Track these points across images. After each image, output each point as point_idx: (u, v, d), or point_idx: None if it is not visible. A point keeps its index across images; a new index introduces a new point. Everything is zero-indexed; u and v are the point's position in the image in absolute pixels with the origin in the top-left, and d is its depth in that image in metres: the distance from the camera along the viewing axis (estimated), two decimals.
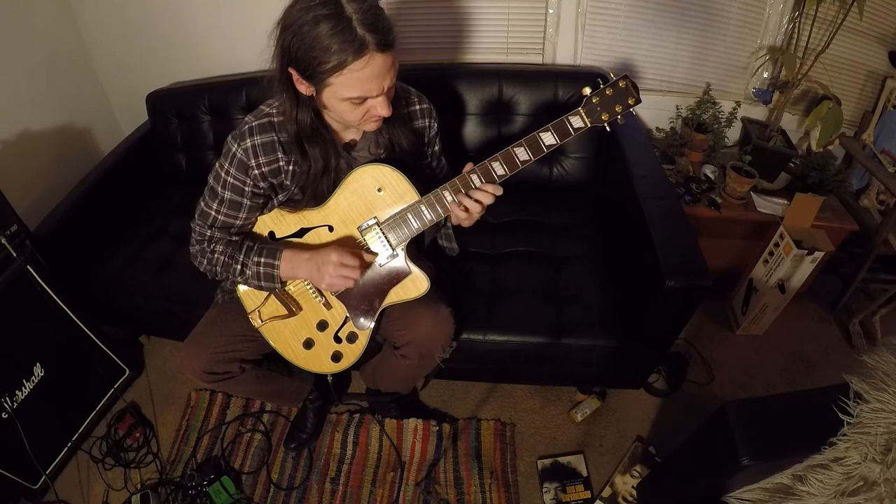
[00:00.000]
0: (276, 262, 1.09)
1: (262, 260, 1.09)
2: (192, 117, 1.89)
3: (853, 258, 1.89)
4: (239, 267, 1.11)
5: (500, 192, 1.03)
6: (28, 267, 1.38)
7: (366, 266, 1.10)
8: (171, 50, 1.98)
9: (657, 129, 1.99)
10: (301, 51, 0.86)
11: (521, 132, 1.71)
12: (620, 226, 1.60)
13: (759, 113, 1.94)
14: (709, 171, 1.85)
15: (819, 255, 1.63)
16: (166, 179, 1.97)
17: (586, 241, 1.64)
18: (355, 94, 0.90)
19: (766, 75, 1.89)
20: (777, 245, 1.72)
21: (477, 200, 1.02)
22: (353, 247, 1.10)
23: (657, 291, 1.23)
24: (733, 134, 1.97)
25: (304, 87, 0.93)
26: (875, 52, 1.84)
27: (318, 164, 1.04)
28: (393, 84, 0.94)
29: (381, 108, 0.95)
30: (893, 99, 1.82)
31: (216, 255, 1.12)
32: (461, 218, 1.05)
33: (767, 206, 1.77)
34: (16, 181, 1.60)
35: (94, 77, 2.07)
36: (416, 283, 1.11)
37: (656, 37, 1.85)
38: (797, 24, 1.70)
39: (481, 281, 1.53)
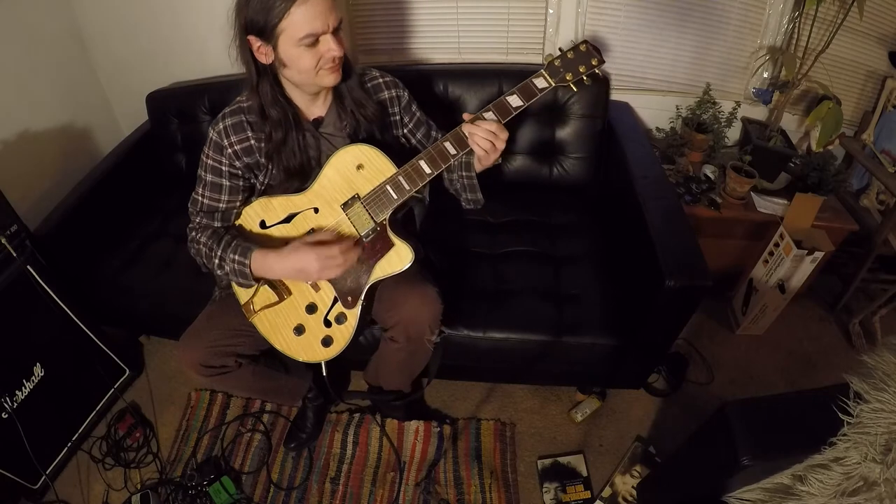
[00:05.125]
0: (247, 261, 1.11)
1: (236, 257, 1.12)
2: (192, 117, 1.88)
3: (853, 258, 1.89)
4: (217, 261, 1.14)
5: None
6: (28, 267, 1.38)
7: (350, 246, 1.11)
8: (171, 50, 1.97)
9: (657, 129, 1.99)
10: (254, 12, 0.96)
11: (521, 131, 1.73)
12: (620, 226, 1.60)
13: (759, 113, 1.94)
14: (709, 171, 1.85)
15: (819, 255, 1.63)
16: (166, 179, 1.96)
17: (586, 240, 1.64)
18: (305, 32, 0.96)
19: (766, 75, 1.89)
20: (777, 245, 1.72)
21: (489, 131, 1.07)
22: (330, 232, 1.13)
23: (657, 291, 1.23)
24: (733, 134, 1.97)
25: (263, 56, 1.01)
26: (875, 52, 1.84)
27: (277, 128, 1.09)
28: (338, 25, 1.00)
29: (333, 47, 1.00)
30: (893, 99, 1.82)
31: (200, 246, 1.16)
32: (480, 154, 1.10)
33: (767, 206, 1.77)
34: (16, 181, 1.59)
35: (94, 77, 2.07)
36: (401, 255, 1.14)
37: (656, 37, 1.85)
38: (797, 24, 1.70)
39: (482, 280, 1.53)
